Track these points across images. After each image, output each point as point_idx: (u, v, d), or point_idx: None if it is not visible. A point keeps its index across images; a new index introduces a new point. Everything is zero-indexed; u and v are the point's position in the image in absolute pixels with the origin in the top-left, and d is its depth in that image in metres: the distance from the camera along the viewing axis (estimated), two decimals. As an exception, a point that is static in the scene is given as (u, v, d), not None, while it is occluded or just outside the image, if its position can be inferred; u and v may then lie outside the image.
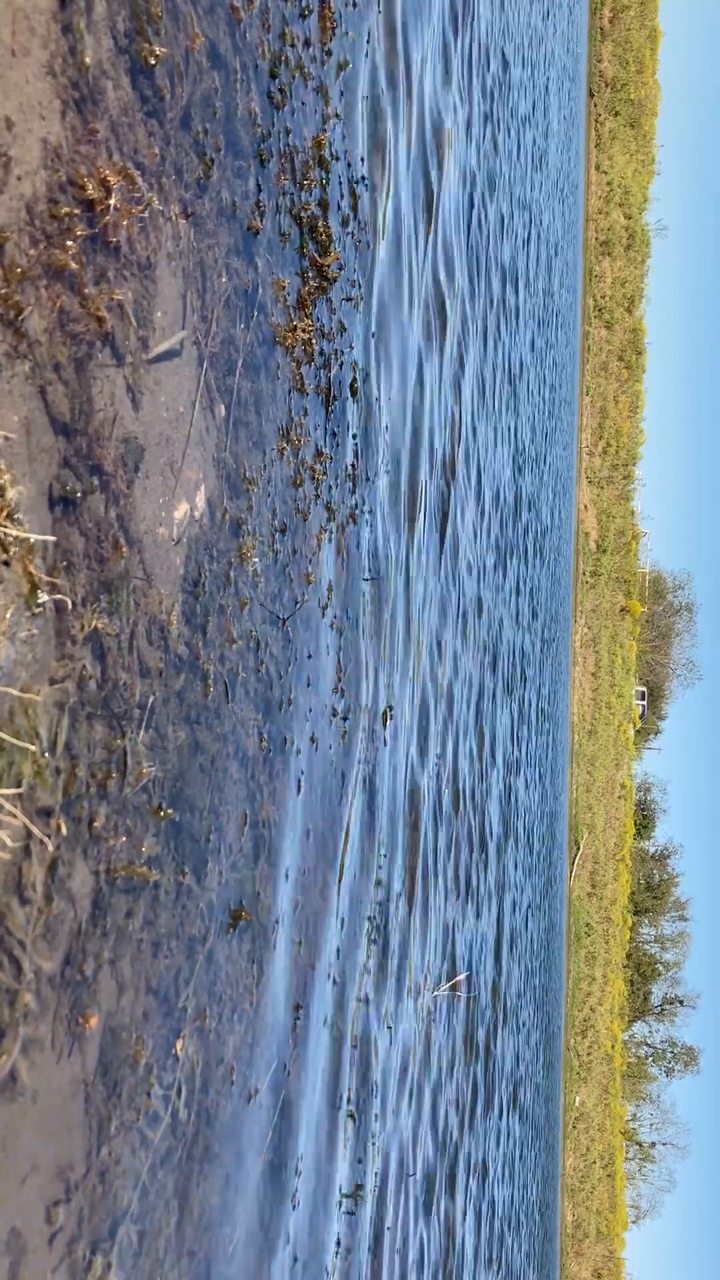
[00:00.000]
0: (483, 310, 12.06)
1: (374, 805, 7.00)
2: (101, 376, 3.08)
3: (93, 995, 3.06)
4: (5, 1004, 2.65)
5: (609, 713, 63.34)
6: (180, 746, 3.70)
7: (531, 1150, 22.21)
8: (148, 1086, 3.43)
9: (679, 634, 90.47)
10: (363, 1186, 6.62)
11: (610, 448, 62.77)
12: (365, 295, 6.43)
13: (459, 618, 10.77)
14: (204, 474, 3.88)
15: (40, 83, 2.78)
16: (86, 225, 2.97)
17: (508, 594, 15.78)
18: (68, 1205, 2.92)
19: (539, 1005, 24.32)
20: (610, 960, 64.50)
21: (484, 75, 11.75)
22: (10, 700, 2.66)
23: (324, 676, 5.71)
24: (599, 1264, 60.86)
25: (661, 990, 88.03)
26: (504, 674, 15.29)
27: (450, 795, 10.36)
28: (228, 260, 4.10)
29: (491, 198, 12.72)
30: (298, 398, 5.09)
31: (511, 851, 16.71)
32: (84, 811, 3.01)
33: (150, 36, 3.34)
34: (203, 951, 3.92)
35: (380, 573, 7.06)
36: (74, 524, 2.96)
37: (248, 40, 4.25)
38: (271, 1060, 4.78)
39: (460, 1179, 10.89)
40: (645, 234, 65.31)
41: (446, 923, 10.08)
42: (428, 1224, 9.03)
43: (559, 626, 32.14)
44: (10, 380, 2.66)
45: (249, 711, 4.45)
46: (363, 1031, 6.69)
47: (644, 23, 64.33)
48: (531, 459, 19.85)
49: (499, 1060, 14.94)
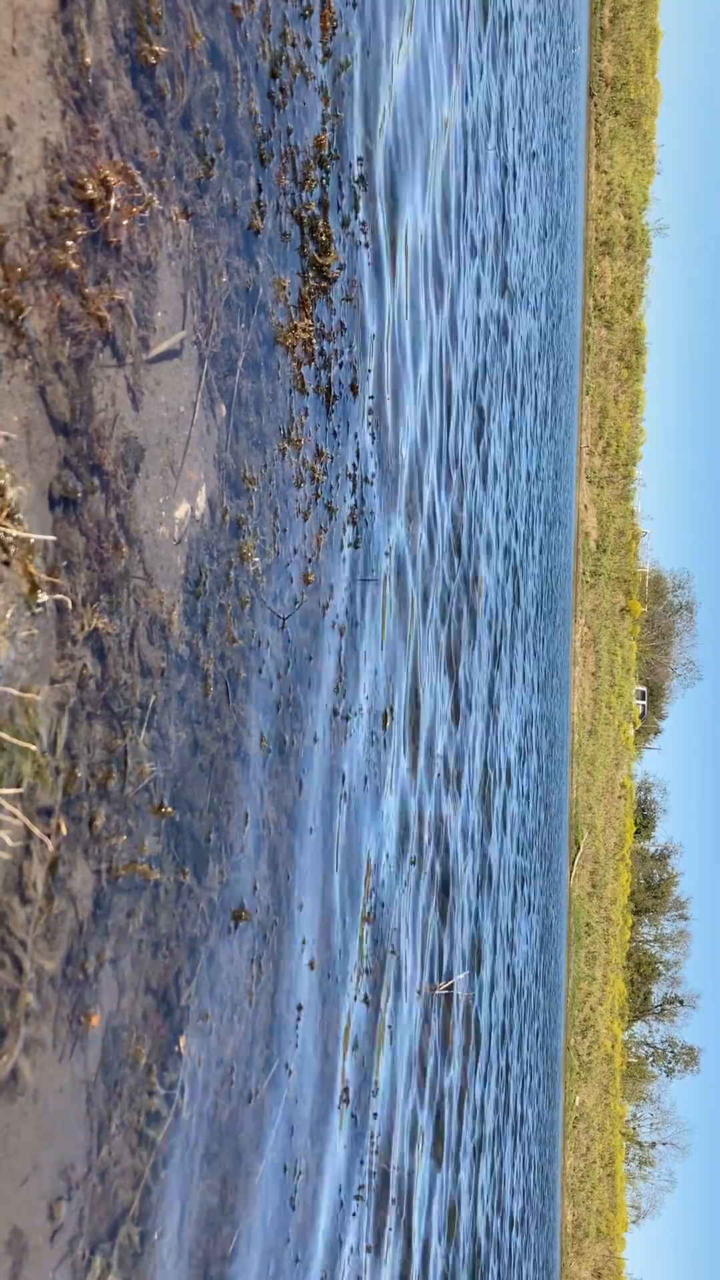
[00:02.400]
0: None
1: (374, 804, 7.01)
2: (102, 376, 3.08)
3: (94, 995, 3.06)
4: (6, 1004, 2.65)
5: (609, 713, 63.34)
6: (181, 746, 3.70)
7: (533, 1145, 22.22)
8: (148, 1086, 3.43)
9: (679, 634, 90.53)
10: (364, 1187, 6.62)
11: (610, 448, 62.78)
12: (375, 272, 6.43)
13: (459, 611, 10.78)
14: (204, 474, 3.88)
15: (40, 82, 2.78)
16: (87, 225, 2.97)
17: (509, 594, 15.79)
18: (69, 1205, 2.92)
19: (538, 1001, 24.33)
20: (610, 960, 64.51)
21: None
22: (10, 700, 2.66)
23: (324, 676, 5.71)
24: (599, 1264, 60.88)
25: (661, 990, 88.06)
26: (505, 670, 15.30)
27: (450, 792, 10.36)
28: (228, 260, 4.10)
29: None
30: (298, 398, 5.09)
31: (510, 848, 16.72)
32: (84, 811, 3.01)
33: (150, 36, 3.34)
34: (203, 951, 3.92)
35: (380, 572, 7.06)
36: (74, 524, 2.96)
37: (248, 40, 4.25)
38: (271, 1060, 4.78)
39: (460, 1178, 10.89)
40: (645, 234, 65.33)
41: (446, 922, 10.08)
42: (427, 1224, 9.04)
43: (559, 600, 32.04)
44: (10, 380, 2.66)
45: (250, 711, 4.45)
46: (363, 1031, 6.69)
47: (644, 22, 64.34)
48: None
49: (499, 1061, 14.95)
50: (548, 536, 25.57)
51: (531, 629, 20.98)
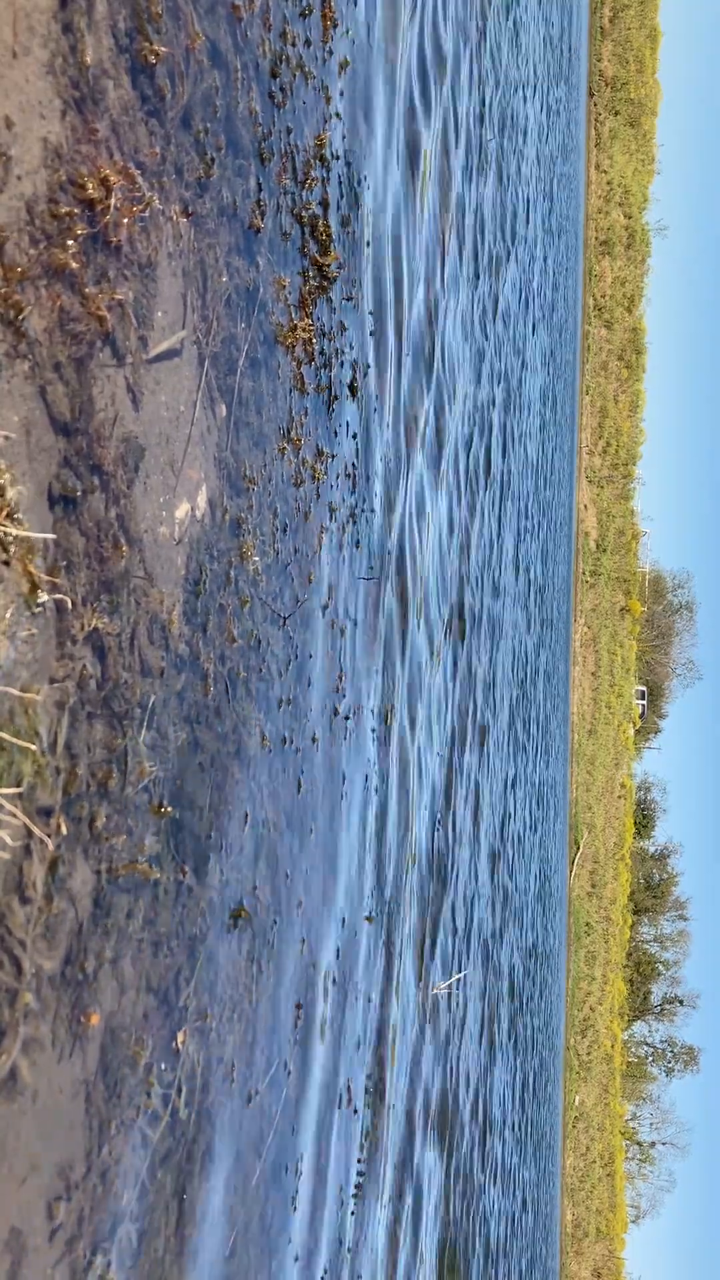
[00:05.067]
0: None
1: (374, 804, 7.01)
2: (102, 376, 3.07)
3: (93, 994, 3.06)
4: (6, 1003, 2.65)
5: (609, 713, 63.35)
6: (181, 746, 3.69)
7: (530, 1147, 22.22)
8: (148, 1086, 3.43)
9: (679, 634, 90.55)
10: (362, 1185, 6.63)
11: (610, 447, 62.78)
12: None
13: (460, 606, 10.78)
14: (205, 473, 3.88)
15: (40, 82, 2.78)
16: (87, 225, 2.97)
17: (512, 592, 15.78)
18: (68, 1204, 2.92)
19: (538, 994, 24.33)
20: (610, 960, 64.53)
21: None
22: (10, 700, 2.66)
23: (324, 676, 5.71)
24: (599, 1264, 60.90)
25: (661, 990, 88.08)
26: (516, 672, 15.30)
27: (450, 792, 10.37)
28: (228, 259, 4.10)
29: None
30: (298, 397, 5.09)
31: (508, 854, 16.72)
32: (84, 811, 3.01)
33: (150, 36, 3.34)
34: (203, 951, 3.92)
35: (380, 572, 7.06)
36: (74, 523, 2.96)
37: (248, 39, 4.25)
38: (271, 1060, 4.78)
39: (462, 1173, 10.89)
40: (645, 233, 65.32)
41: (446, 921, 10.09)
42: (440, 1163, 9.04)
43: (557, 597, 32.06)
44: (10, 380, 2.66)
45: (250, 711, 4.45)
46: (363, 1031, 6.69)
47: (644, 22, 64.34)
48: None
49: (500, 1055, 14.95)
50: (546, 537, 25.58)
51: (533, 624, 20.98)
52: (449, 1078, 10.23)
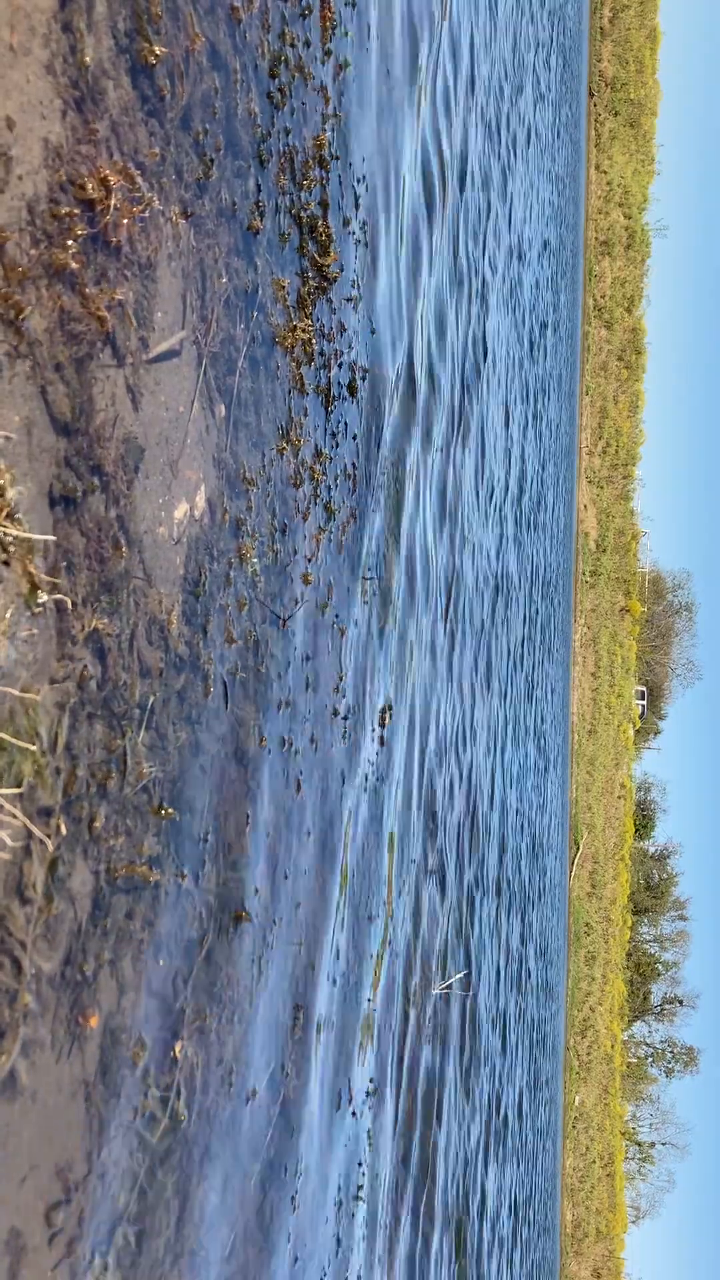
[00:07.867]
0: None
1: (373, 805, 7.00)
2: (102, 376, 3.08)
3: (93, 995, 3.06)
4: (5, 1004, 2.65)
5: (609, 713, 63.34)
6: (180, 746, 3.69)
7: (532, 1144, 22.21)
8: (147, 1087, 3.43)
9: (679, 634, 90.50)
10: (362, 1188, 6.62)
11: (610, 448, 62.77)
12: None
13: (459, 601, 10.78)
14: (204, 474, 3.88)
15: (41, 82, 2.78)
16: (87, 225, 2.97)
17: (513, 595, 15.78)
18: (67, 1205, 2.92)
19: (536, 993, 24.33)
20: (610, 960, 64.51)
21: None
22: (10, 700, 2.66)
23: (324, 676, 5.71)
24: (599, 1264, 60.87)
25: (661, 990, 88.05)
26: (509, 671, 15.30)
27: (450, 791, 10.36)
28: (228, 260, 4.10)
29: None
30: (298, 398, 5.09)
31: (509, 852, 16.72)
32: (84, 811, 3.01)
33: (150, 36, 3.34)
34: (202, 952, 3.92)
35: (380, 571, 7.06)
36: (74, 524, 2.96)
37: (248, 40, 4.25)
38: (271, 1060, 4.78)
39: (462, 1171, 10.89)
40: (645, 234, 65.30)
41: (447, 921, 10.08)
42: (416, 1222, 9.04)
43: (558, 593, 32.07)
44: (11, 380, 2.66)
45: (249, 712, 4.45)
46: (363, 1031, 6.68)
47: (644, 22, 64.31)
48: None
49: (498, 1058, 14.95)
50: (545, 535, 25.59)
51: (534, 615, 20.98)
52: (449, 1077, 10.23)
